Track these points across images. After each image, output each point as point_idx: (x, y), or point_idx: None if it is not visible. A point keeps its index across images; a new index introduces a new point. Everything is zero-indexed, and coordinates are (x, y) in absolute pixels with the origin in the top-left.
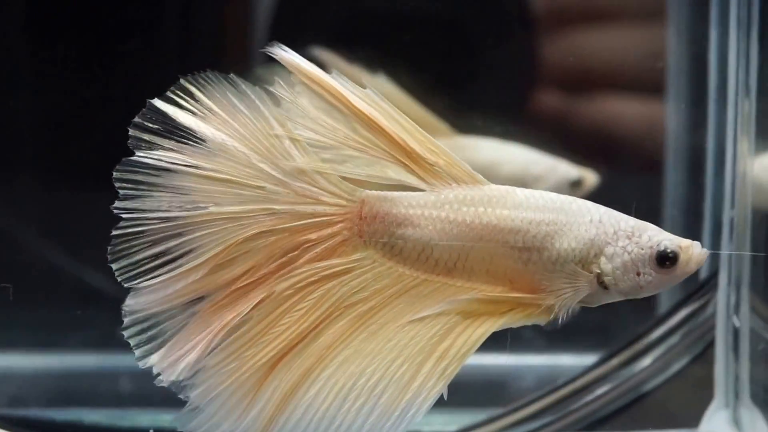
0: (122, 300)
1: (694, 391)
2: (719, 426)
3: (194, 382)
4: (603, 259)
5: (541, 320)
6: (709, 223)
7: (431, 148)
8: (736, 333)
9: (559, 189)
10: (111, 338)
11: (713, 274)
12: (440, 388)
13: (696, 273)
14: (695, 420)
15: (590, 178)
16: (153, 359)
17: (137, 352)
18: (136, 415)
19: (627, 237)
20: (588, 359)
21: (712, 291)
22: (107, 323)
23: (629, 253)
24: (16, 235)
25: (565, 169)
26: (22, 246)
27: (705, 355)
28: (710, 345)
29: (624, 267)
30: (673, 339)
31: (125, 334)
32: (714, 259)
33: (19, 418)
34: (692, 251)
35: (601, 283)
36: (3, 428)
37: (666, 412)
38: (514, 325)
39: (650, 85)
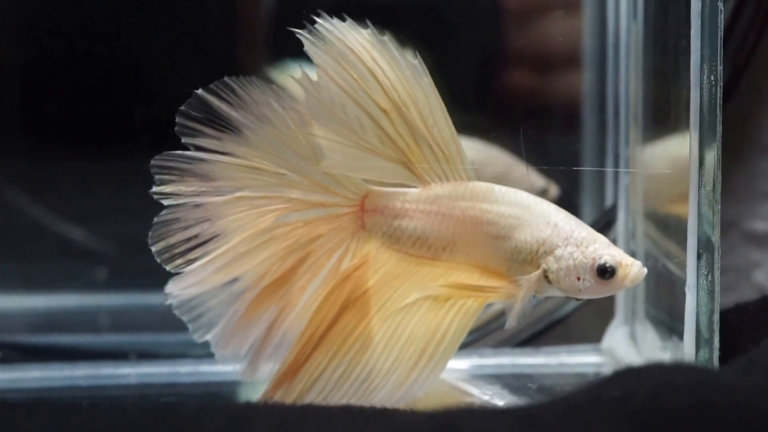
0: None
1: (602, 311)
2: (618, 341)
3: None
4: (551, 259)
5: (507, 302)
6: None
7: (437, 140)
8: (633, 256)
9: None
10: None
11: (615, 204)
12: (443, 365)
13: (601, 201)
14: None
15: (553, 189)
16: (209, 337)
17: (192, 328)
18: (117, 337)
19: (576, 245)
20: None
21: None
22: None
23: (574, 260)
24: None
25: (534, 177)
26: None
27: None
28: None
29: (567, 270)
30: None
31: (177, 312)
32: (614, 188)
33: (2, 342)
34: (630, 270)
35: (546, 278)
36: None
37: (574, 331)
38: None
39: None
